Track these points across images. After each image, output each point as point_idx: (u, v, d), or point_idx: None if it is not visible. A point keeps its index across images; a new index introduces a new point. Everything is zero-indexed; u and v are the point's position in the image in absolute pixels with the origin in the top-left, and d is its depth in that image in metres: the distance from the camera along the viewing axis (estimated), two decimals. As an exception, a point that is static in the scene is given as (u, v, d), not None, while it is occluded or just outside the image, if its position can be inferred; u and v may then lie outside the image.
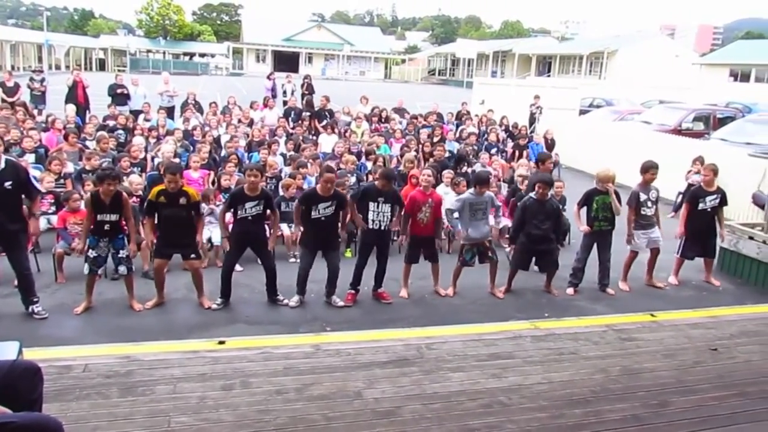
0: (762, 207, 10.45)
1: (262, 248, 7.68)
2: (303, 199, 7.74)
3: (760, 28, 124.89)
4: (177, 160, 11.03)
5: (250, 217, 7.41)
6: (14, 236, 6.75)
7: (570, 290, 8.46)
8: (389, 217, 7.79)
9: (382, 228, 7.77)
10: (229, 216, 7.75)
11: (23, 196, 6.83)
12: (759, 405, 4.79)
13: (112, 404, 4.38)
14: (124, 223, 7.23)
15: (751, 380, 5.22)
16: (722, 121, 18.81)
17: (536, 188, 8.19)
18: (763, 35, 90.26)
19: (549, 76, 62.56)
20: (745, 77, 45.02)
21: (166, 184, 7.18)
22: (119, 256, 7.18)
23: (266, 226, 7.79)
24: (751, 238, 9.32)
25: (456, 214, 8.13)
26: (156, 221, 7.29)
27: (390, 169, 8.20)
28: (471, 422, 4.36)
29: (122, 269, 7.21)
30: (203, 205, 8.08)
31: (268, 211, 7.59)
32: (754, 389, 5.05)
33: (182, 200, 7.20)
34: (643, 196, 8.60)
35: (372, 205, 7.71)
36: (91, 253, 7.04)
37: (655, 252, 8.75)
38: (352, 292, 7.76)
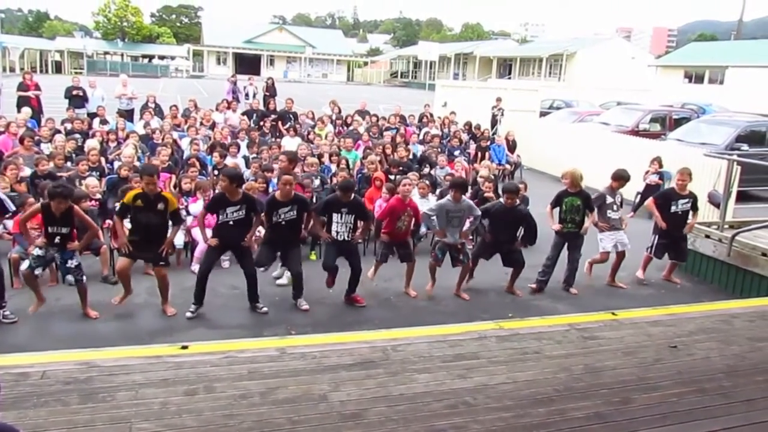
0: (717, 206, 10.69)
1: (243, 253, 7.54)
2: (266, 206, 7.69)
3: (712, 30, 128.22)
4: (137, 163, 10.88)
5: (231, 222, 7.32)
6: None
7: (532, 285, 8.55)
8: (352, 227, 7.77)
9: (346, 239, 7.74)
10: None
11: None
12: (716, 401, 4.87)
13: (71, 411, 4.28)
14: (75, 234, 7.06)
15: (708, 376, 5.31)
16: (678, 122, 19.23)
17: (504, 197, 8.26)
18: (716, 37, 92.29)
19: (510, 78, 63.24)
20: (699, 79, 45.87)
21: (144, 186, 7.01)
22: (67, 266, 6.99)
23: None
24: (707, 236, 9.52)
25: (434, 218, 8.16)
26: (130, 224, 7.15)
27: (349, 180, 8.11)
28: (437, 423, 4.36)
29: (70, 278, 7.04)
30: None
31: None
32: (712, 385, 5.14)
33: (160, 206, 7.04)
34: (609, 199, 8.75)
35: (336, 216, 7.69)
36: (37, 251, 6.85)
37: (620, 255, 8.87)
38: (330, 276, 7.81)
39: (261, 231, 8.59)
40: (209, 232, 7.67)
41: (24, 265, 6.88)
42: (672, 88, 40.18)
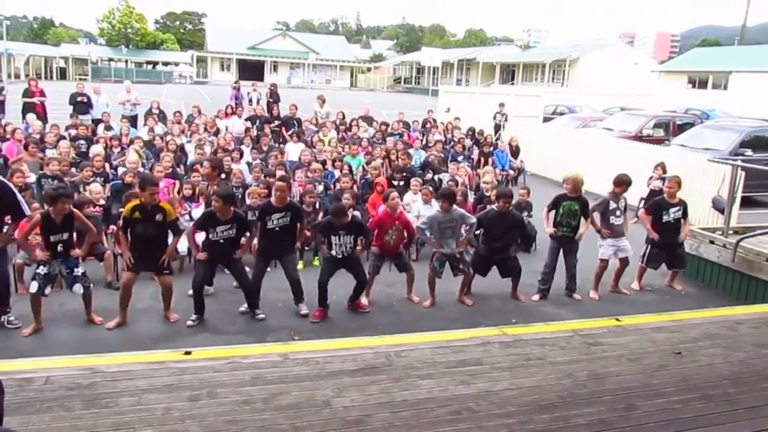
0: (721, 211, 10.65)
1: (234, 266, 7.52)
2: (260, 212, 7.70)
3: (716, 35, 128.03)
4: (141, 169, 10.90)
5: (221, 241, 7.27)
6: None
7: (536, 296, 8.52)
8: (352, 246, 7.70)
9: (345, 256, 7.67)
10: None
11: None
12: (721, 408, 4.85)
13: (74, 417, 4.29)
14: (75, 240, 7.04)
15: (713, 383, 5.29)
16: (682, 128, 19.20)
17: (499, 202, 8.25)
18: (719, 42, 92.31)
19: (513, 83, 63.22)
20: (703, 84, 45.86)
21: (147, 197, 7.00)
22: (74, 274, 6.95)
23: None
24: (711, 242, 9.49)
25: (427, 232, 8.12)
26: (129, 237, 7.13)
27: (340, 206, 7.99)
28: (440, 429, 4.35)
29: (77, 288, 6.97)
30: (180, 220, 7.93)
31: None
32: (717, 392, 5.12)
33: (158, 217, 7.03)
34: (612, 205, 8.66)
35: (334, 238, 7.61)
36: (42, 270, 6.79)
37: (623, 262, 8.83)
38: (320, 309, 7.64)
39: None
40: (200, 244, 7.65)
41: (33, 288, 6.75)
42: (675, 94, 40.18)
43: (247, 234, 7.62)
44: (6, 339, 6.63)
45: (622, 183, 8.73)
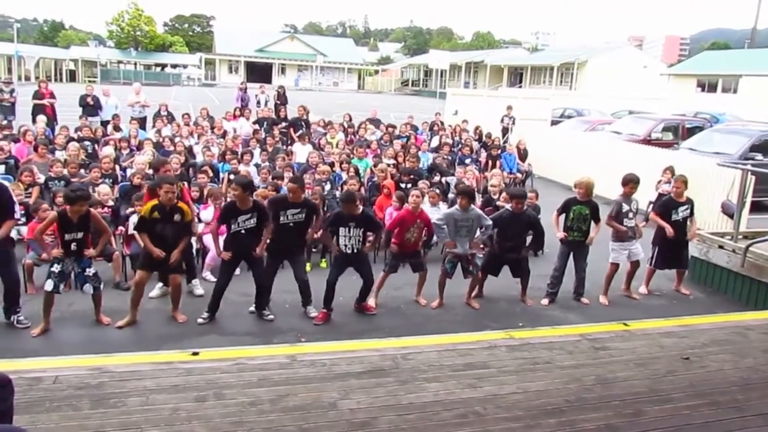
0: (731, 216, 10.61)
1: (255, 262, 7.54)
2: (272, 203, 7.71)
3: (725, 38, 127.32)
4: (150, 170, 10.92)
5: (243, 231, 7.30)
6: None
7: (545, 300, 8.49)
8: (361, 240, 7.68)
9: (354, 251, 7.65)
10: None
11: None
12: (730, 414, 4.83)
13: (82, 416, 4.31)
14: (90, 239, 7.06)
15: (722, 389, 5.26)
16: (691, 131, 19.10)
17: (512, 202, 8.24)
18: (729, 46, 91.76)
19: (521, 86, 63.13)
20: (712, 87, 45.62)
21: (163, 195, 7.01)
22: (85, 274, 6.98)
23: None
24: (720, 247, 9.44)
25: (445, 228, 8.10)
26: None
27: (350, 192, 8.02)
28: (447, 433, 4.36)
29: (87, 288, 6.99)
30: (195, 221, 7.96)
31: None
32: (726, 398, 5.09)
33: (177, 217, 7.08)
34: (625, 207, 8.62)
35: (342, 230, 7.58)
36: (56, 268, 6.82)
37: (634, 264, 8.80)
38: (324, 311, 7.60)
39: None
40: (222, 243, 7.67)
41: (49, 287, 6.77)
42: (685, 97, 39.99)
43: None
44: (15, 338, 6.66)
45: (630, 181, 8.68)
